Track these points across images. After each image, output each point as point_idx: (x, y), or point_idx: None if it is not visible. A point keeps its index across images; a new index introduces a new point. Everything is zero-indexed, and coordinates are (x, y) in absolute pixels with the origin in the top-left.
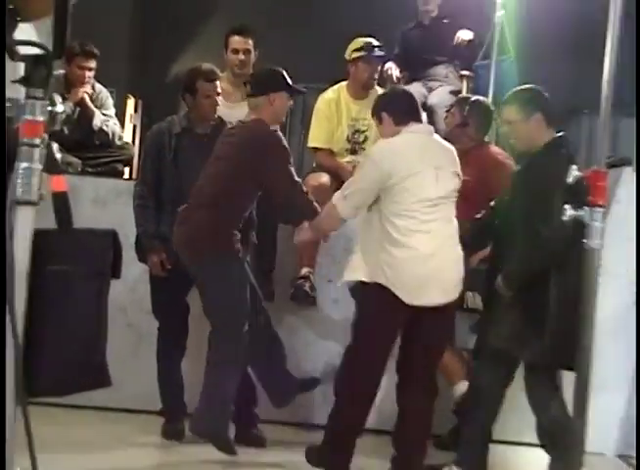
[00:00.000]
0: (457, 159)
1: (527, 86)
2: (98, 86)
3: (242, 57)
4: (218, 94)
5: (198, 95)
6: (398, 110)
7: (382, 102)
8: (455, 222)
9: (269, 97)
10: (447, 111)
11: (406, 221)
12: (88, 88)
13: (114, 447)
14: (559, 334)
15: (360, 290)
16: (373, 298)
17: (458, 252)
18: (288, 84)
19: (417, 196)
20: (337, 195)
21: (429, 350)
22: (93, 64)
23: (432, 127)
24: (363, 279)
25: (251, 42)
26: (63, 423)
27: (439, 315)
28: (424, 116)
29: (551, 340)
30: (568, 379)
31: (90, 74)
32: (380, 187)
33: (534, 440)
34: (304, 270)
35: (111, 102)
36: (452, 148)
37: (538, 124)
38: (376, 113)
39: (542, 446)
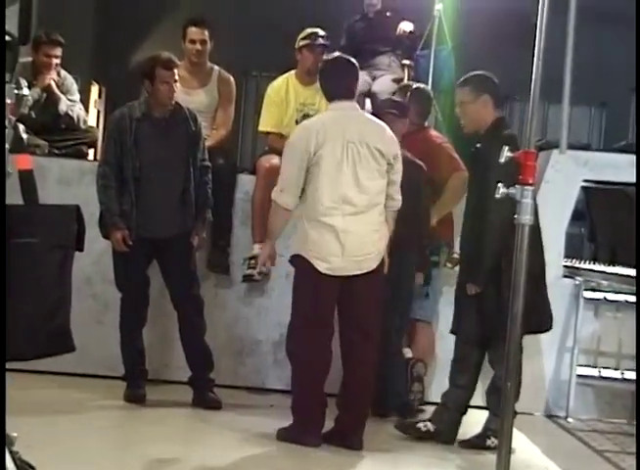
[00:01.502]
0: (385, 136)
1: (478, 72)
2: (63, 73)
3: (198, 47)
4: (176, 81)
5: (156, 82)
6: (329, 87)
7: (322, 71)
8: (376, 199)
9: None
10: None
11: (319, 196)
12: (54, 75)
13: (77, 411)
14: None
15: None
16: (300, 268)
17: (373, 227)
18: None
19: (327, 170)
20: (274, 193)
21: (359, 314)
22: (59, 52)
23: (354, 104)
24: (294, 252)
25: (206, 33)
26: (30, 387)
27: (363, 284)
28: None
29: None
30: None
31: (56, 62)
32: (304, 165)
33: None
34: (256, 247)
35: (76, 88)
36: (380, 125)
37: (485, 105)
38: (319, 79)
39: (487, 406)
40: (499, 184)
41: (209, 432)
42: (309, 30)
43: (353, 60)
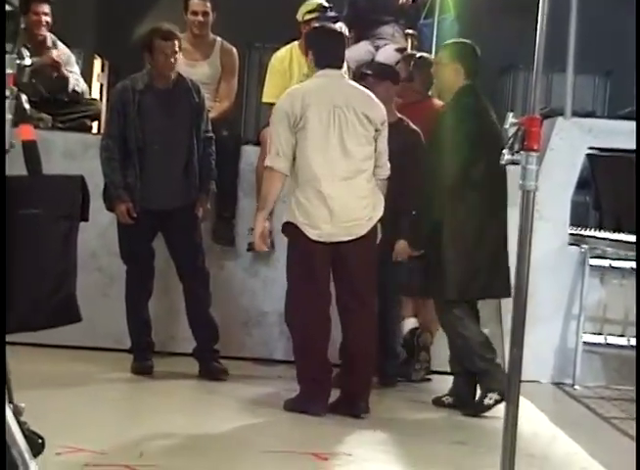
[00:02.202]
0: (373, 102)
1: (462, 40)
2: (60, 45)
3: (200, 18)
4: (176, 52)
5: (155, 53)
6: (317, 55)
7: (310, 38)
8: (363, 165)
9: None
10: None
11: (307, 162)
12: (46, 33)
13: (85, 383)
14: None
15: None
16: (291, 236)
17: (360, 193)
18: None
19: (314, 134)
20: (268, 159)
21: (353, 281)
22: (47, 8)
23: (341, 72)
24: (285, 220)
25: (209, 5)
26: (38, 361)
27: (354, 250)
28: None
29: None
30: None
31: (46, 19)
32: (291, 129)
33: None
34: None
35: (74, 59)
36: (367, 92)
37: (456, 72)
38: (306, 46)
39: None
40: (504, 151)
41: (216, 403)
42: (315, 2)
43: (343, 27)
